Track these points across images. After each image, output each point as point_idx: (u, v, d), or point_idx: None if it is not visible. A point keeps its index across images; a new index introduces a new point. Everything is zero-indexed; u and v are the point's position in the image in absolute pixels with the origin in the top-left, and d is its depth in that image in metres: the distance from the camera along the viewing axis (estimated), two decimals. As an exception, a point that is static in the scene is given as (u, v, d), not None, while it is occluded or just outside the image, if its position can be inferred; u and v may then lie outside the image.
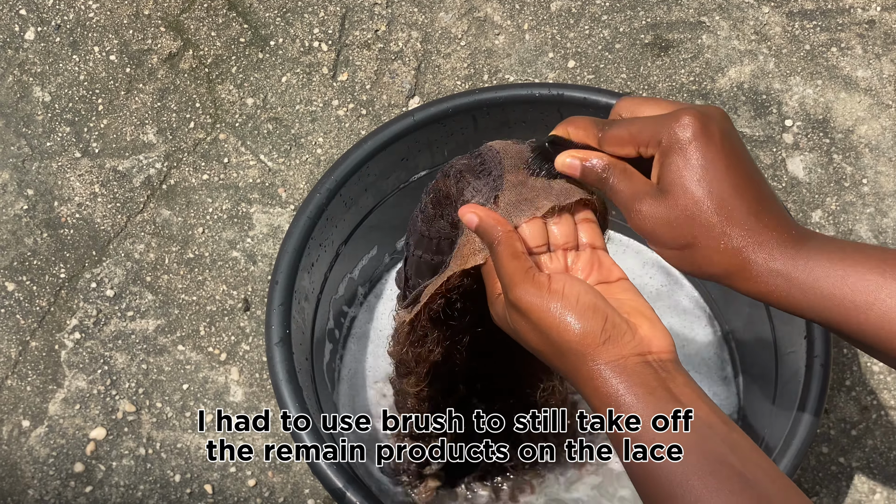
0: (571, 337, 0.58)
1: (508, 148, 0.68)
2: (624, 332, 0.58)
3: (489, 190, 0.66)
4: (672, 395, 0.56)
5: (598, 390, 0.57)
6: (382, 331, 1.09)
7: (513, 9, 1.28)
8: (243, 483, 1.06)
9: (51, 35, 1.27)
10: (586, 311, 0.58)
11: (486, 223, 0.62)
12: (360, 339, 1.08)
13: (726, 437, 0.55)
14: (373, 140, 0.96)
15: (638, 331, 0.59)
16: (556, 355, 0.59)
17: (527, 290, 0.59)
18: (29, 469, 1.07)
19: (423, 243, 0.73)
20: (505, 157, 0.67)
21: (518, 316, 0.60)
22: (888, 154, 1.19)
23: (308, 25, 1.27)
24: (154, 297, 1.14)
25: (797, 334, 0.89)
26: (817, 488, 1.04)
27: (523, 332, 0.61)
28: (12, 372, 1.11)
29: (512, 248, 0.61)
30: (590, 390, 0.58)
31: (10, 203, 1.19)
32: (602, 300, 0.59)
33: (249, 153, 1.21)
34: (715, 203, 0.59)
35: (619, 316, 0.59)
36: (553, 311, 0.58)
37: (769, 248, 0.59)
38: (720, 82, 1.23)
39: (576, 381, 0.59)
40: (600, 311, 0.58)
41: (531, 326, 0.59)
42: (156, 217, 1.18)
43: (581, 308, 0.58)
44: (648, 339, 0.58)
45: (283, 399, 0.85)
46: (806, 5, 1.27)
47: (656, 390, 0.56)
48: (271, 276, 0.91)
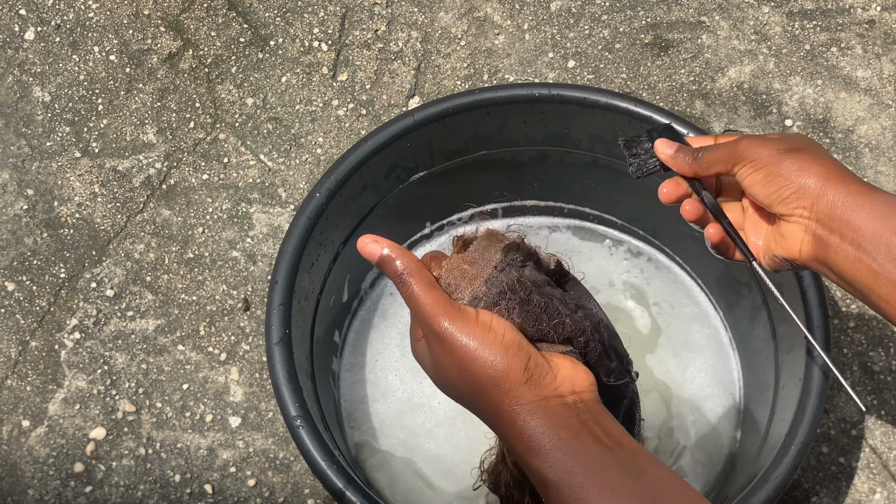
0: (495, 373, 0.56)
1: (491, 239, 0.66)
2: (546, 372, 0.57)
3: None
4: (595, 437, 0.55)
5: (520, 432, 0.55)
6: (382, 330, 1.09)
7: (513, 9, 1.28)
8: (243, 483, 1.06)
9: (51, 35, 1.27)
10: (511, 347, 0.56)
11: (389, 256, 0.60)
12: (361, 338, 1.08)
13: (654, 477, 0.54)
14: (373, 140, 0.96)
15: (560, 371, 0.58)
16: (475, 393, 0.57)
17: (453, 320, 0.57)
18: (29, 469, 1.07)
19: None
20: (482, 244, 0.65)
21: (441, 349, 0.58)
22: (888, 154, 1.19)
23: (308, 25, 1.27)
24: (154, 297, 1.14)
25: (797, 334, 0.89)
26: (817, 488, 1.04)
27: (444, 368, 0.58)
28: (12, 372, 1.11)
29: (427, 279, 0.59)
30: (511, 432, 0.56)
31: (10, 203, 1.19)
32: (525, 340, 0.58)
33: (249, 153, 1.21)
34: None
35: (540, 356, 0.58)
36: (479, 344, 0.56)
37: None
38: (720, 82, 1.23)
39: (495, 420, 0.57)
40: (524, 349, 0.57)
41: (453, 360, 0.57)
42: (156, 217, 1.18)
43: (506, 344, 0.56)
44: (570, 379, 0.57)
45: (282, 399, 0.85)
46: (806, 5, 1.27)
47: (580, 434, 0.55)
48: (271, 275, 0.91)
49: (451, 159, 1.03)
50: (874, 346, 1.10)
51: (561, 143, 1.02)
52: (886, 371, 1.09)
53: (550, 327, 0.61)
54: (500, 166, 1.06)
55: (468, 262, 0.63)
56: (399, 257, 0.60)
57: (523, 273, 0.62)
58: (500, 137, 1.02)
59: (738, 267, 0.99)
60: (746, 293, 1.00)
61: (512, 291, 0.61)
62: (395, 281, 0.60)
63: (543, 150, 1.04)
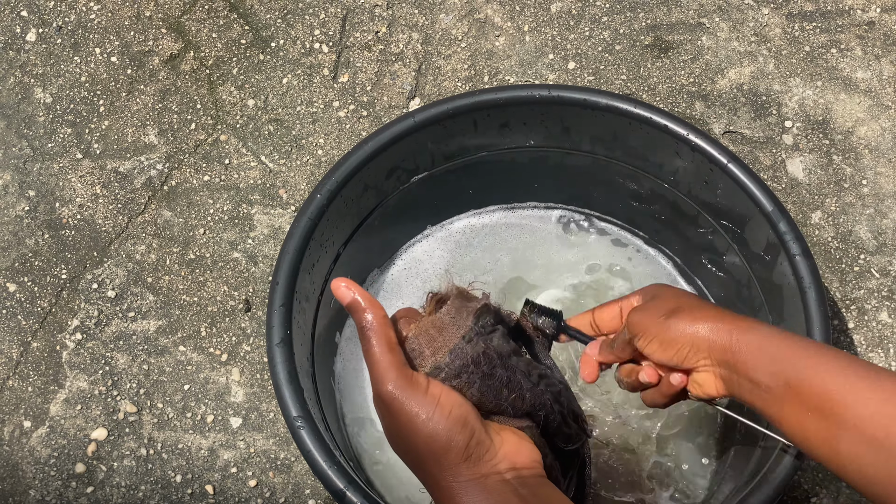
0: (436, 448, 0.57)
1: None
2: (487, 448, 0.58)
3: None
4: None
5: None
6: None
7: (513, 10, 1.28)
8: (244, 483, 1.06)
9: (52, 37, 1.27)
10: (456, 424, 0.57)
11: (358, 304, 0.60)
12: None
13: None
14: (373, 141, 0.96)
15: (503, 447, 0.59)
16: (416, 462, 0.59)
17: (401, 388, 0.58)
18: (30, 469, 1.07)
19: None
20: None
21: (386, 413, 0.59)
22: (888, 155, 1.19)
23: (309, 27, 1.27)
24: (155, 298, 1.14)
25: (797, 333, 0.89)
26: (817, 488, 1.05)
27: (388, 430, 0.59)
28: (14, 372, 1.12)
29: (387, 339, 0.59)
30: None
31: (12, 204, 1.19)
32: (473, 414, 0.59)
33: (250, 154, 1.21)
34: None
35: (484, 432, 0.59)
36: (425, 417, 0.57)
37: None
38: (720, 84, 1.23)
39: (434, 492, 0.58)
40: (469, 426, 0.58)
41: (396, 427, 0.58)
42: (157, 218, 1.18)
43: (452, 420, 0.57)
44: (512, 455, 0.59)
45: (283, 400, 0.85)
46: (806, 7, 1.27)
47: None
48: (272, 276, 0.91)
49: (451, 161, 1.03)
50: (874, 346, 1.10)
51: (561, 145, 1.02)
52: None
53: (509, 402, 0.62)
54: (501, 167, 1.06)
55: (437, 328, 0.63)
56: (366, 309, 0.60)
57: (490, 344, 0.63)
58: (500, 139, 1.02)
59: (739, 272, 0.99)
60: (746, 294, 1.00)
61: (475, 365, 0.62)
62: (359, 332, 0.60)
63: (543, 152, 1.04)
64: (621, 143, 0.99)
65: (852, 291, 1.13)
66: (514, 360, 0.65)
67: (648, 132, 0.96)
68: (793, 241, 0.89)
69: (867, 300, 1.12)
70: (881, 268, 1.14)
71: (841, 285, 1.13)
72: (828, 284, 1.13)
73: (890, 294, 1.12)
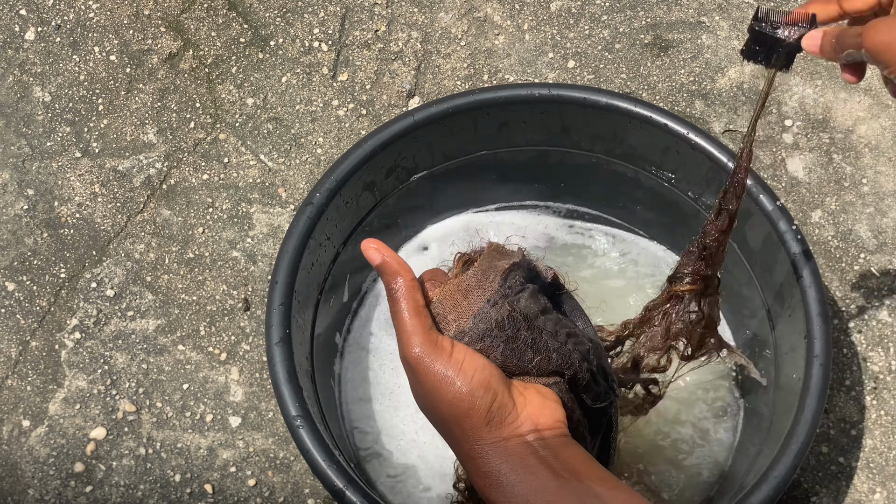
0: (458, 412, 0.58)
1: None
2: (509, 412, 0.59)
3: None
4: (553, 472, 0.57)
5: (479, 469, 0.58)
6: (382, 330, 1.09)
7: (513, 9, 1.28)
8: (243, 483, 1.06)
9: (51, 35, 1.27)
10: (478, 388, 0.58)
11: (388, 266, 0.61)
12: (361, 338, 1.09)
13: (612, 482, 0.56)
14: (373, 140, 0.96)
15: (525, 408, 0.59)
16: (440, 423, 0.60)
17: (427, 353, 0.59)
18: (29, 469, 1.07)
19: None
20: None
21: (411, 375, 0.60)
22: (888, 154, 1.19)
23: (308, 25, 1.27)
24: (154, 297, 1.14)
25: (797, 334, 0.89)
26: (817, 488, 1.04)
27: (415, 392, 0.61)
28: (12, 372, 1.11)
29: (414, 303, 0.60)
30: (472, 468, 0.59)
31: (11, 203, 1.19)
32: (497, 377, 0.59)
33: (249, 153, 1.21)
34: None
35: (507, 394, 0.59)
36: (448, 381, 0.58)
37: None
38: (720, 82, 1.23)
39: (458, 453, 0.60)
40: (491, 390, 0.58)
41: (422, 390, 0.59)
42: (156, 217, 1.18)
43: (473, 385, 0.58)
44: (535, 416, 0.59)
45: (283, 399, 0.85)
46: (806, 5, 1.27)
47: (536, 469, 0.57)
48: (271, 275, 0.91)
49: (451, 159, 1.03)
50: (874, 346, 1.10)
51: (561, 144, 1.02)
52: (886, 371, 1.09)
53: (534, 364, 0.62)
54: (500, 166, 1.06)
55: (462, 291, 0.63)
56: (396, 272, 0.61)
57: (517, 305, 0.63)
58: (500, 138, 1.02)
59: (739, 271, 0.99)
60: (746, 293, 1.00)
61: (500, 329, 0.62)
62: (388, 294, 0.61)
63: (543, 151, 1.04)
64: (621, 142, 0.99)
65: (852, 291, 1.13)
66: (541, 319, 0.64)
67: (648, 131, 0.96)
68: (793, 241, 0.89)
69: (867, 299, 1.12)
70: (881, 267, 1.14)
71: (841, 284, 1.13)
72: (828, 283, 1.13)
73: (890, 293, 1.12)
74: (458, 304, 0.63)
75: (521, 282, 0.64)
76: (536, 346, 0.63)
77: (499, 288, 0.63)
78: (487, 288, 0.63)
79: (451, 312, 0.63)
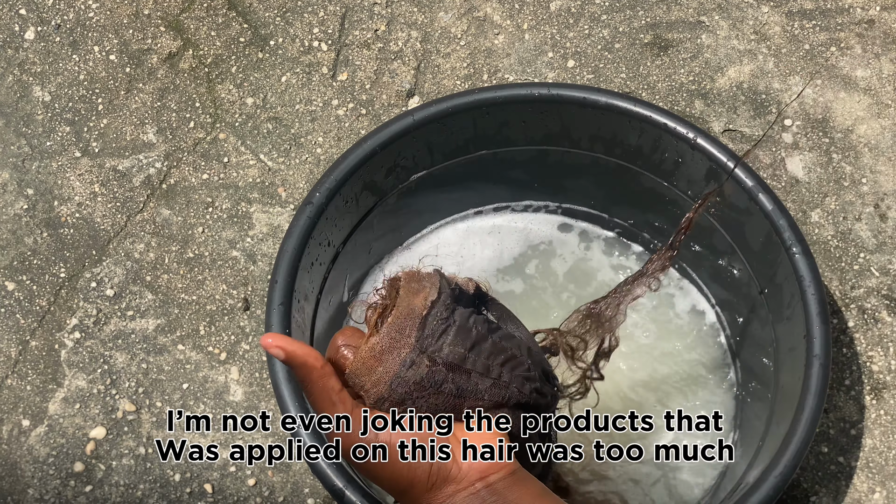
0: (401, 488, 0.59)
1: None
2: (449, 469, 0.59)
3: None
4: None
5: None
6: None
7: (512, 8, 1.28)
8: (243, 482, 1.06)
9: (51, 35, 1.27)
10: (411, 464, 0.59)
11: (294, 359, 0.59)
12: (360, 338, 1.09)
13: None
14: (372, 140, 0.96)
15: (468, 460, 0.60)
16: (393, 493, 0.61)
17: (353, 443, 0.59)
18: (29, 468, 1.07)
19: None
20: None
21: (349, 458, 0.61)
22: (888, 153, 1.19)
23: (308, 25, 1.27)
24: (154, 297, 1.14)
25: (797, 334, 0.89)
26: (817, 488, 1.05)
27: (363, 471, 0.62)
28: (12, 371, 1.11)
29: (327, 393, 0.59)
30: None
31: (10, 202, 1.19)
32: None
33: (249, 153, 1.21)
34: None
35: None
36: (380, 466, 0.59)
37: None
38: (719, 82, 1.23)
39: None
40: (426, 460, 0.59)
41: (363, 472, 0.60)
42: (156, 216, 1.18)
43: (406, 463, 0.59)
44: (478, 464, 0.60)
45: (282, 398, 0.85)
46: (805, 5, 1.27)
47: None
48: (271, 275, 0.91)
49: (450, 159, 1.03)
50: (874, 345, 1.10)
51: (560, 143, 1.02)
52: (886, 371, 1.09)
53: (468, 406, 0.62)
54: (500, 166, 1.06)
55: (376, 356, 0.61)
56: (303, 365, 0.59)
57: (438, 356, 0.61)
58: (499, 137, 1.02)
59: (739, 271, 0.99)
60: (745, 293, 1.00)
61: (420, 389, 0.61)
62: (301, 386, 0.60)
63: (543, 150, 1.04)
64: (621, 142, 0.99)
65: (852, 290, 1.13)
66: (470, 360, 0.62)
67: (648, 131, 0.96)
68: (793, 240, 0.89)
69: (867, 299, 1.12)
70: (881, 266, 1.14)
71: (840, 284, 1.13)
72: (827, 283, 1.13)
73: (890, 293, 1.12)
74: (372, 372, 0.61)
75: (445, 318, 0.62)
76: (464, 394, 0.61)
77: (415, 343, 0.61)
78: (403, 346, 0.61)
79: (366, 381, 0.61)
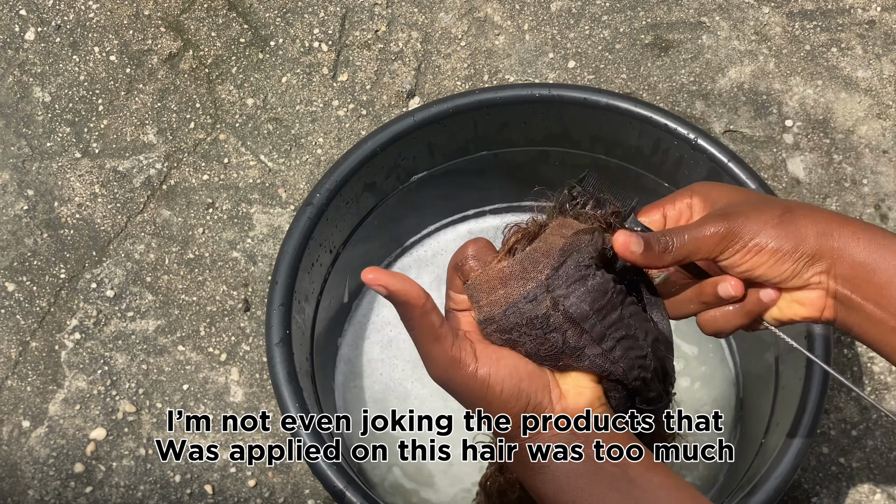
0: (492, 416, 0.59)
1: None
2: (544, 409, 0.59)
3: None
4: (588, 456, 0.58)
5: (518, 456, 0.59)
6: (381, 331, 1.09)
7: (513, 9, 1.28)
8: (243, 483, 1.06)
9: (51, 35, 1.27)
10: (509, 399, 0.58)
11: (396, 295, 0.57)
12: (361, 339, 1.09)
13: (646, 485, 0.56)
14: (373, 140, 0.96)
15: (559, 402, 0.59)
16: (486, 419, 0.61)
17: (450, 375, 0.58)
18: (29, 469, 1.07)
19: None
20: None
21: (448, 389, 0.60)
22: (888, 154, 1.19)
23: (308, 26, 1.27)
24: (154, 298, 1.14)
25: (797, 335, 0.89)
26: (817, 488, 1.04)
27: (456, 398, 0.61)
28: (12, 372, 1.11)
29: (430, 327, 0.57)
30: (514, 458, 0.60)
31: (11, 203, 1.19)
32: (527, 377, 0.59)
33: (249, 153, 1.21)
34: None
35: (541, 392, 0.59)
36: (478, 398, 0.58)
37: None
38: (720, 83, 1.23)
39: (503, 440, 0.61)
40: (523, 395, 0.58)
41: (459, 399, 0.60)
42: (156, 217, 1.18)
43: (505, 397, 0.58)
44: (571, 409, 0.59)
45: (283, 399, 0.85)
46: (806, 6, 1.27)
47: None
48: (271, 276, 0.91)
49: (451, 160, 1.03)
50: (874, 346, 1.10)
51: (561, 144, 1.02)
52: (886, 371, 1.09)
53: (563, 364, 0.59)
54: (501, 167, 1.06)
55: (502, 280, 0.58)
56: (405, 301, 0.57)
57: (562, 303, 0.57)
58: (500, 138, 1.02)
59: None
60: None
61: (529, 326, 0.58)
62: (402, 320, 0.58)
63: (544, 151, 1.03)
64: (621, 143, 0.99)
65: (853, 291, 1.13)
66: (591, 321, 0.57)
67: (648, 131, 0.96)
68: (793, 241, 0.89)
69: (868, 300, 1.12)
70: (882, 267, 1.13)
71: (841, 285, 1.13)
72: (828, 284, 1.13)
73: (890, 293, 1.12)
74: (493, 292, 0.58)
75: (583, 269, 0.58)
76: (568, 350, 0.58)
77: (545, 280, 0.57)
78: (532, 279, 0.58)
79: (483, 298, 0.59)
